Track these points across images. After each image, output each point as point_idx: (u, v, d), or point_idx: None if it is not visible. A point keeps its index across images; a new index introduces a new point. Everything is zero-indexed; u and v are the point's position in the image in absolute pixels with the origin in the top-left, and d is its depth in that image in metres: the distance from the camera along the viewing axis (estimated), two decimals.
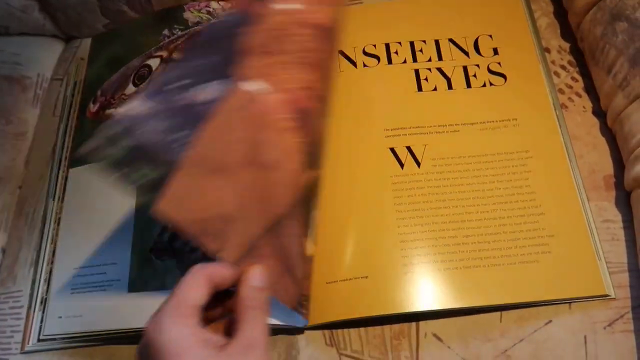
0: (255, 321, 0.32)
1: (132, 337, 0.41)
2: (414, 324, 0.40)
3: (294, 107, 0.36)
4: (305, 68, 0.37)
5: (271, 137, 0.35)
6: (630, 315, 0.38)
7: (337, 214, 0.42)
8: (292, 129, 0.36)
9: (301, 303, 0.39)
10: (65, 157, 0.51)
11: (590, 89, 0.47)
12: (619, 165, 0.43)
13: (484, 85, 0.46)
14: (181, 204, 0.33)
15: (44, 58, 0.59)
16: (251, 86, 0.35)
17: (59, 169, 0.50)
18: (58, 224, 0.47)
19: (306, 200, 0.38)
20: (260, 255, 0.35)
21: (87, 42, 0.58)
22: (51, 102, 0.55)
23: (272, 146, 0.35)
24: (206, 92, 0.35)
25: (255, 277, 0.33)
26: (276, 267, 0.36)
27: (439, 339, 0.39)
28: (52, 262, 0.45)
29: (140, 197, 0.43)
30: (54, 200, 0.48)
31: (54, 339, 0.42)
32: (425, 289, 0.39)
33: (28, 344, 0.43)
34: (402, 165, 0.43)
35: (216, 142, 0.34)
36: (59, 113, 0.54)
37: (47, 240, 0.47)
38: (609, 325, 0.38)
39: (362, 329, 0.40)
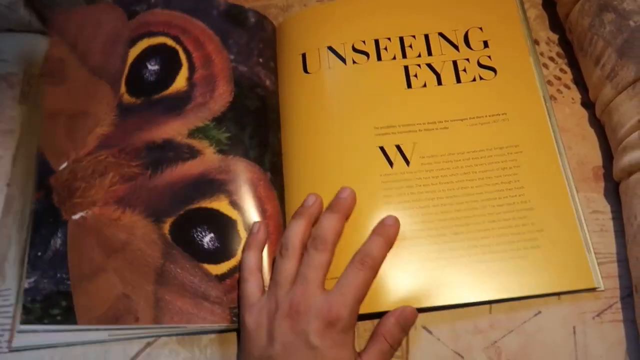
0: (377, 346, 0.37)
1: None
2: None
3: None
4: None
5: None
6: (619, 305, 0.38)
7: None
8: None
9: None
10: None
11: (579, 81, 0.47)
12: (608, 156, 0.43)
13: (474, 79, 0.46)
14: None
15: (31, 55, 0.58)
16: None
17: None
18: None
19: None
20: (168, 302, 0.41)
21: None
22: (38, 99, 0.55)
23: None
24: None
25: (408, 316, 0.38)
26: (185, 303, 0.41)
27: (429, 331, 0.39)
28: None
29: None
30: None
31: (37, 331, 0.42)
32: (416, 286, 0.39)
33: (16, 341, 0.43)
34: (391, 164, 0.43)
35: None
36: None
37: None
38: (598, 315, 0.38)
39: None
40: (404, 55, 0.48)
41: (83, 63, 0.50)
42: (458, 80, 0.46)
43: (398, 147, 0.44)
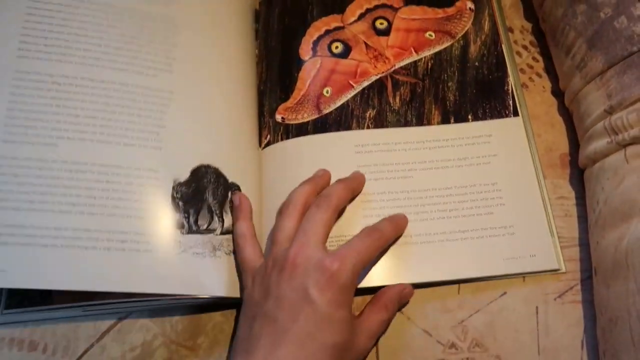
0: (378, 314, 0.38)
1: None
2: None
3: None
4: None
5: None
6: (579, 287, 0.40)
7: None
8: None
9: None
10: None
11: (550, 69, 0.48)
12: (575, 144, 0.44)
13: None
14: None
15: None
16: None
17: None
18: None
19: None
20: None
21: None
22: None
23: None
24: None
25: (408, 294, 0.39)
26: None
27: (399, 310, 0.40)
28: None
29: None
30: None
31: (13, 312, 0.41)
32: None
33: None
34: None
35: None
36: None
37: None
38: (559, 296, 0.40)
39: None
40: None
41: None
42: None
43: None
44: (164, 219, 0.40)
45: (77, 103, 0.41)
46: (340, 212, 0.41)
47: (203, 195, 0.42)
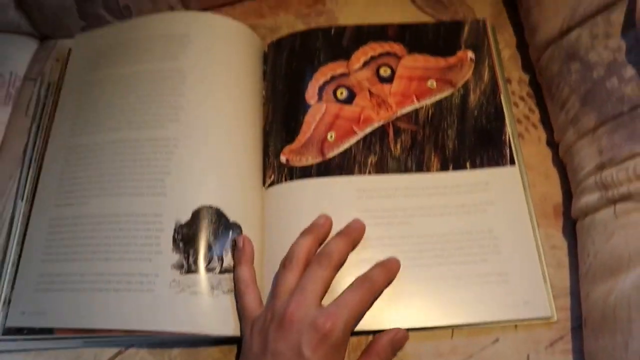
0: None
1: None
2: (371, 336, 0.42)
3: None
4: None
5: None
6: (569, 336, 0.41)
7: None
8: None
9: None
10: (36, 159, 0.51)
11: (546, 121, 0.50)
12: (568, 195, 0.46)
13: None
14: None
15: (18, 56, 0.58)
16: None
17: (29, 169, 0.51)
18: (26, 226, 0.47)
19: None
20: None
21: (62, 43, 0.58)
22: (23, 101, 0.55)
23: None
24: None
25: (401, 339, 0.40)
26: None
27: (394, 355, 0.41)
28: (17, 265, 0.46)
29: None
30: (22, 201, 0.49)
31: (15, 339, 0.42)
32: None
33: None
34: None
35: None
36: (32, 113, 0.54)
37: (13, 242, 0.47)
38: (550, 345, 0.41)
39: None
40: None
41: None
42: None
43: None
44: (164, 260, 0.42)
45: (102, 164, 0.46)
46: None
47: (204, 235, 0.43)
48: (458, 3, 0.57)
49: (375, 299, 0.41)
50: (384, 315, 0.41)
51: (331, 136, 0.49)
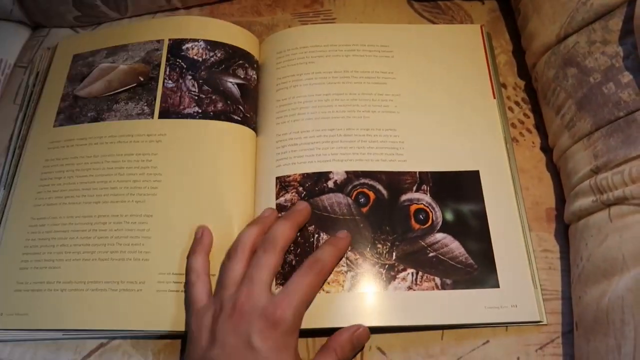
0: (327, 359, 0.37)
1: None
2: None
3: None
4: None
5: None
6: (560, 340, 0.41)
7: None
8: None
9: None
10: (20, 147, 0.50)
11: (540, 126, 0.50)
12: (561, 199, 0.46)
13: None
14: None
15: (9, 43, 0.58)
16: None
17: (12, 158, 0.49)
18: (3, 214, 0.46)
19: None
20: None
21: (54, 32, 0.58)
22: (12, 89, 0.55)
23: None
24: None
25: (361, 336, 0.39)
26: None
27: (383, 352, 0.41)
28: None
29: None
30: (4, 189, 0.48)
31: None
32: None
33: None
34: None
35: None
36: (20, 101, 0.53)
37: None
38: (540, 348, 0.41)
39: (309, 339, 0.41)
40: None
41: None
42: None
43: None
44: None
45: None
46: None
47: None
48: (455, 8, 0.58)
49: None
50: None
51: None
